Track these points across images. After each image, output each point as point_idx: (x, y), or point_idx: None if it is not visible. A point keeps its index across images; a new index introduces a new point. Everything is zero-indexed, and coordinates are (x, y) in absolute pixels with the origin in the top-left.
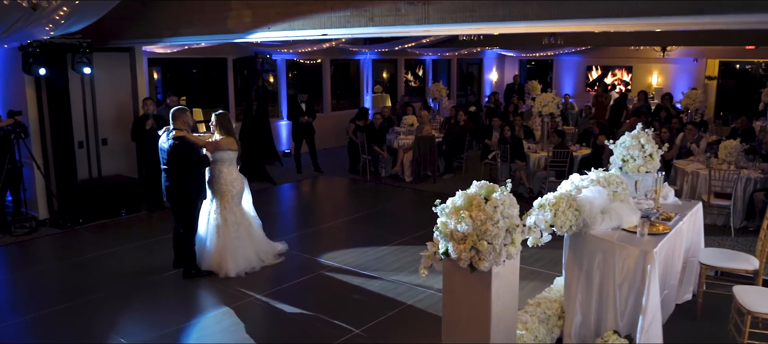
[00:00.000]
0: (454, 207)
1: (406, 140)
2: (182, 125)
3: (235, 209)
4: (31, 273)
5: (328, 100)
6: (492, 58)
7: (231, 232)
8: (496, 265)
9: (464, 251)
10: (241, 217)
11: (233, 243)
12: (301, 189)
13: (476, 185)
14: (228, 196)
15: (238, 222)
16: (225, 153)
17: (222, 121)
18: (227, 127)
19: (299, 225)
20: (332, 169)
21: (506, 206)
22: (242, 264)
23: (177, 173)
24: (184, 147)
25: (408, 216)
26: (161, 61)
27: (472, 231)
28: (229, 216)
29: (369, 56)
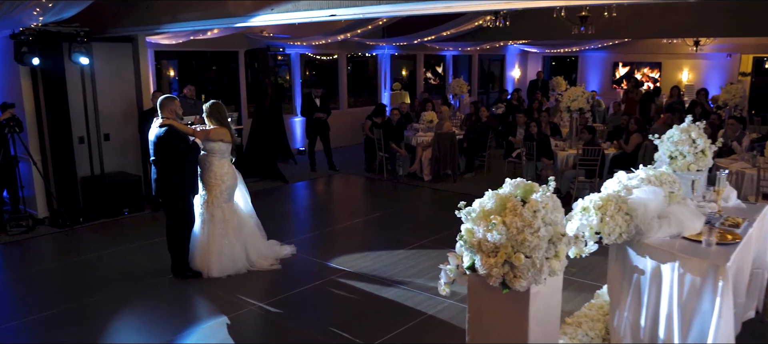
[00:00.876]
0: (483, 212)
1: (425, 137)
2: (170, 114)
3: (223, 205)
4: (21, 275)
5: (344, 96)
6: (514, 54)
7: (216, 230)
8: (535, 284)
9: (496, 266)
10: (230, 215)
11: (218, 241)
12: (315, 189)
13: (510, 184)
14: (216, 191)
15: (225, 220)
16: (216, 144)
17: (214, 111)
18: (219, 117)
19: (310, 226)
20: (348, 167)
21: (548, 210)
22: (227, 265)
23: (165, 165)
24: (171, 136)
25: (427, 218)
26: (170, 55)
27: (506, 242)
28: (217, 212)
29: (387, 51)
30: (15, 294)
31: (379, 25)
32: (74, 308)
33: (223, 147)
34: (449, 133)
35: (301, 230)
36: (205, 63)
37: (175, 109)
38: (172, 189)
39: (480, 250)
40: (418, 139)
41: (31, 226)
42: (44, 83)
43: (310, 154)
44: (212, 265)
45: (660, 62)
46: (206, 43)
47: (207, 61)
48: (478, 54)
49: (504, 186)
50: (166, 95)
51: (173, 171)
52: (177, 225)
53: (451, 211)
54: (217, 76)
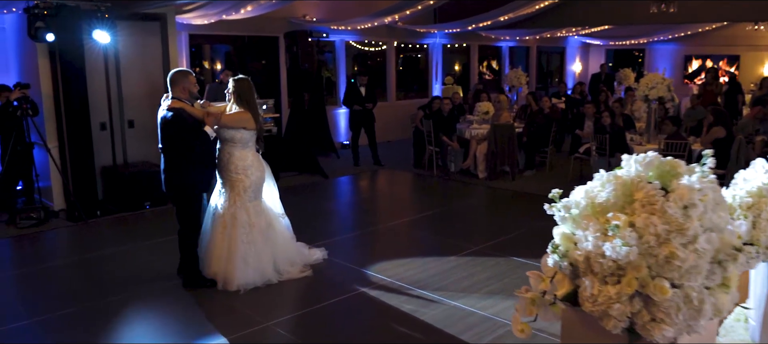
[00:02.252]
0: (593, 206)
1: (480, 130)
2: (181, 92)
3: (248, 205)
4: (18, 275)
5: (392, 87)
6: (575, 46)
7: (239, 234)
8: (688, 333)
9: (619, 300)
10: (257, 216)
11: (242, 248)
12: (357, 185)
13: (636, 160)
14: (239, 187)
15: (251, 223)
16: (236, 131)
17: (241, 90)
18: (247, 97)
19: (347, 226)
20: (394, 162)
21: (709, 206)
22: (252, 277)
23: (173, 155)
24: (178, 121)
25: (482, 220)
26: (206, 39)
27: (637, 259)
28: (240, 213)
29: (439, 40)
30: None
31: (430, 4)
32: (51, 320)
33: (246, 135)
34: (507, 125)
35: (336, 230)
36: (244, 48)
37: (188, 86)
38: (180, 183)
39: (589, 271)
40: (472, 132)
41: (42, 219)
42: (61, 63)
43: (353, 147)
44: (234, 276)
45: (738, 55)
46: (244, 26)
47: (245, 46)
48: (536, 45)
49: (623, 164)
50: (178, 69)
51: (182, 163)
52: (184, 226)
53: (510, 213)
54: (256, 62)
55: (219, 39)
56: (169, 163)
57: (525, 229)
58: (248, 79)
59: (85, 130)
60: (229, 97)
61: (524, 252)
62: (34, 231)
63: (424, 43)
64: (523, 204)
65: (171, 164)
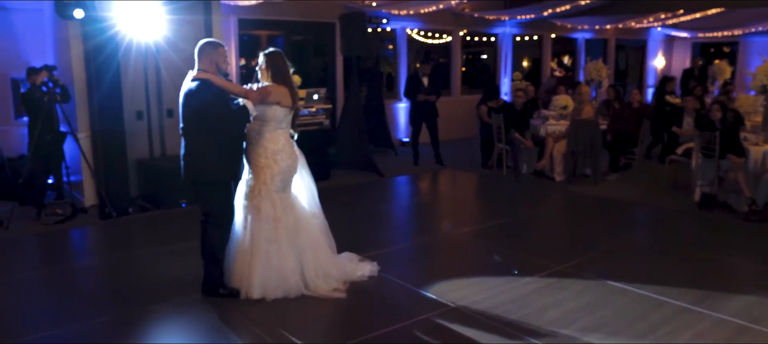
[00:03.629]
0: None
1: (557, 126)
2: (209, 65)
3: (274, 196)
4: (26, 278)
5: (457, 80)
6: (658, 40)
7: (262, 230)
8: None
9: None
10: (284, 210)
11: (263, 247)
12: (415, 186)
13: None
14: (266, 174)
15: (276, 218)
16: (268, 107)
17: (276, 63)
18: (282, 72)
19: (403, 234)
20: (458, 162)
21: None
22: (273, 283)
23: (197, 136)
24: (205, 94)
25: (562, 232)
26: (257, 25)
27: None
28: (264, 204)
29: (508, 30)
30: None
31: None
32: (50, 337)
33: (280, 113)
34: (590, 121)
35: (392, 239)
36: (297, 34)
37: (216, 59)
38: (204, 171)
39: None
40: (548, 128)
41: (68, 215)
42: (93, 44)
43: (413, 144)
44: (253, 280)
45: None
46: (297, 9)
47: (299, 31)
48: (614, 38)
49: None
50: (207, 39)
51: (207, 144)
52: (210, 225)
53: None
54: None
55: (270, 24)
56: (192, 145)
57: (615, 244)
58: (280, 51)
59: (116, 119)
60: (259, 74)
61: (618, 274)
62: (58, 228)
63: (492, 32)
64: (609, 213)
65: (193, 146)
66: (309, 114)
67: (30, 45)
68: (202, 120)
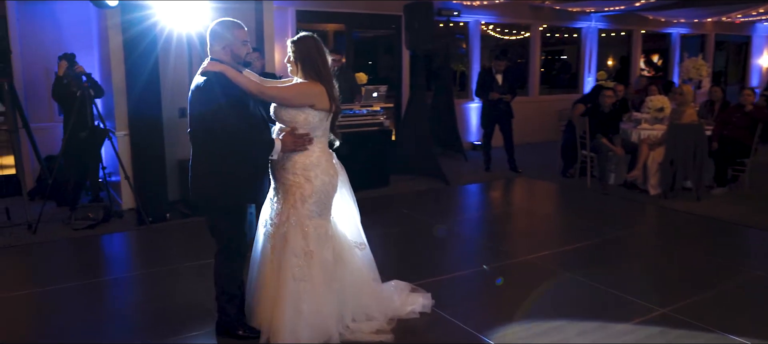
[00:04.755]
0: None
1: (653, 131)
2: (223, 54)
3: (306, 223)
4: (22, 296)
5: (535, 79)
6: (763, 36)
7: (290, 265)
8: None
9: None
10: (320, 242)
11: (292, 287)
12: (485, 196)
13: None
14: (296, 195)
15: (309, 251)
16: (298, 111)
17: (306, 52)
18: (315, 64)
19: (466, 256)
20: (535, 169)
21: None
22: (304, 330)
23: (202, 145)
24: (214, 93)
25: (661, 260)
26: (318, 17)
27: None
28: (294, 234)
29: (594, 24)
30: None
31: None
32: None
33: (313, 118)
34: (694, 125)
35: (452, 263)
36: (361, 27)
37: (233, 45)
38: (211, 192)
39: None
40: (641, 133)
41: (100, 219)
42: (130, 35)
43: (484, 148)
44: (278, 325)
45: None
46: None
47: (363, 24)
48: (714, 33)
49: None
50: (220, 20)
51: (216, 159)
52: (220, 255)
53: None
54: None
55: (330, 16)
56: (197, 158)
57: (731, 280)
58: (314, 36)
59: (154, 116)
60: (288, 68)
61: (742, 324)
62: (87, 234)
63: (575, 26)
64: (718, 237)
65: (200, 159)
66: (367, 113)
67: (75, 38)
68: (210, 127)
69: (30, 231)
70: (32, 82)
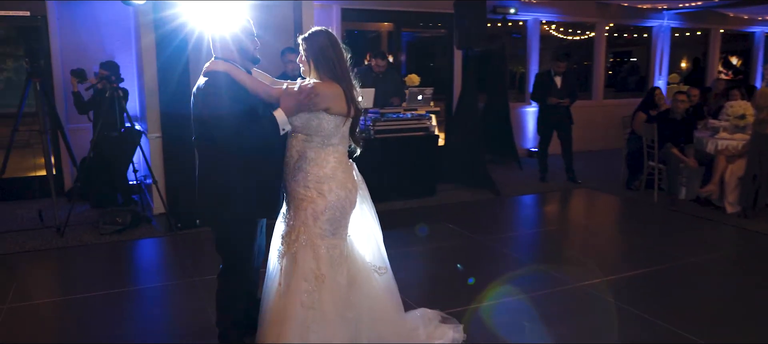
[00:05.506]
0: None
1: (732, 141)
2: (228, 51)
3: (318, 243)
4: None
5: (599, 81)
6: None
7: (299, 293)
8: None
9: None
10: (333, 265)
11: (300, 317)
12: (538, 209)
13: None
14: (307, 211)
15: (320, 275)
16: (311, 116)
17: (319, 50)
18: (329, 62)
19: (510, 280)
20: (596, 180)
21: None
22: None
23: (206, 152)
24: (215, 95)
25: (743, 294)
26: (365, 15)
27: None
28: (305, 257)
29: (666, 23)
30: None
31: None
32: None
33: (329, 123)
34: None
35: (492, 287)
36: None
37: (239, 40)
38: (216, 200)
39: None
40: (719, 144)
41: (127, 224)
42: (163, 32)
43: (541, 156)
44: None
45: None
46: None
47: (413, 22)
48: None
49: None
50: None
51: (220, 168)
52: (221, 272)
53: None
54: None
55: (377, 15)
56: (201, 164)
57: None
58: (328, 31)
59: (186, 118)
60: (301, 68)
61: None
62: (113, 239)
63: (645, 25)
64: None
65: (203, 168)
66: (412, 117)
67: (114, 37)
68: (212, 133)
69: (58, 233)
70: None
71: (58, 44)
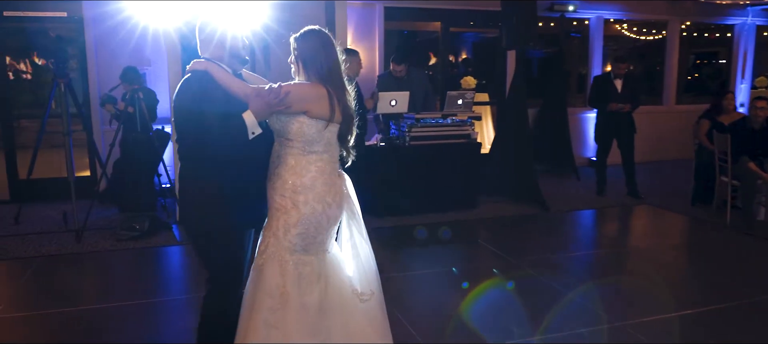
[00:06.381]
0: None
1: None
2: (212, 50)
3: (287, 258)
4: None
5: (671, 86)
6: None
7: (263, 310)
8: None
9: None
10: (301, 284)
11: (263, 334)
12: (591, 229)
13: None
14: (279, 221)
15: (284, 292)
16: (290, 120)
17: (307, 49)
18: (316, 62)
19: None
20: (662, 195)
21: None
22: None
23: (185, 160)
24: (187, 96)
25: None
26: (409, 14)
27: None
28: (270, 267)
29: (751, 20)
30: None
31: None
32: None
33: (310, 128)
34: None
35: (524, 323)
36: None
37: (223, 38)
38: (194, 210)
39: None
40: None
41: (145, 231)
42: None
43: (598, 166)
44: None
45: None
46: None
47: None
48: None
49: None
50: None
51: (200, 172)
52: (211, 290)
53: None
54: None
55: (423, 13)
56: (181, 172)
57: None
58: (321, 30)
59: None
60: (292, 68)
61: None
62: (129, 246)
63: (726, 23)
64: None
65: (182, 173)
66: (452, 123)
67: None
68: (189, 139)
69: (76, 239)
70: (106, 84)
71: (93, 45)
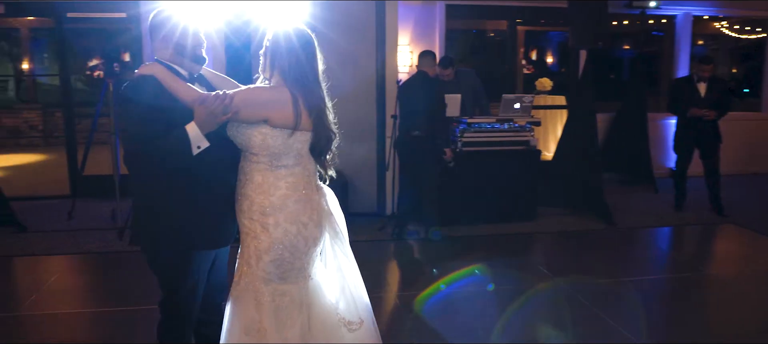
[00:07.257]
0: None
1: None
2: (164, 51)
3: (262, 289)
4: None
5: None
6: None
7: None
8: None
9: None
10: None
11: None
12: (661, 250)
13: None
14: (250, 248)
15: (261, 329)
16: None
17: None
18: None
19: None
20: (751, 212)
21: None
22: None
23: (132, 171)
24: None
25: None
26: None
27: None
28: (245, 304)
29: None
30: None
31: None
32: None
33: (275, 139)
34: None
35: None
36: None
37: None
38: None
39: None
40: None
41: None
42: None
43: (677, 178)
44: None
45: None
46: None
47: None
48: None
49: None
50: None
51: (146, 186)
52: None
53: None
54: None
55: (489, 11)
56: (136, 188)
57: None
58: (297, 27)
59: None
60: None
61: None
62: (133, 250)
63: None
64: None
65: (137, 188)
66: (509, 128)
67: None
68: (130, 149)
69: (119, 237)
70: None
71: (148, 47)
